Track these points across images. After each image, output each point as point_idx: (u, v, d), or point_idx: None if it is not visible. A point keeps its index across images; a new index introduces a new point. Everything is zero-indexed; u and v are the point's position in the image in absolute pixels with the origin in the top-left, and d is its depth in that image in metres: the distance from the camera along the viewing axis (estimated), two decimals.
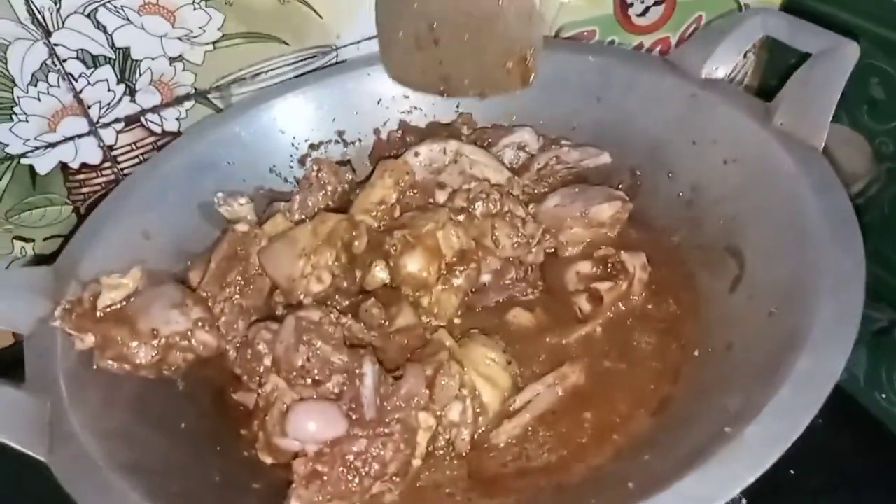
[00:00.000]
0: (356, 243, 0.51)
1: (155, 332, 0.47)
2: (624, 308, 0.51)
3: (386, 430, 0.40)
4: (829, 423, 0.53)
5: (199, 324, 0.48)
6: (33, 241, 0.69)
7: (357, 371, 0.41)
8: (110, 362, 0.46)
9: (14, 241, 0.69)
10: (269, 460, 0.43)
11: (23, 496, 0.52)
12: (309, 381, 0.41)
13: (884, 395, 0.66)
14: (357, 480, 0.39)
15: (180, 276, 0.54)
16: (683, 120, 0.57)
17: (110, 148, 0.68)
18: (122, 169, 0.69)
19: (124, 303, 0.48)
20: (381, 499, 0.40)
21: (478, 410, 0.44)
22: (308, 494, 0.38)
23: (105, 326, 0.47)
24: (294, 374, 0.42)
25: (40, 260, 0.69)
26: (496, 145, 0.63)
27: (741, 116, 0.53)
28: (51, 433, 0.40)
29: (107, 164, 0.68)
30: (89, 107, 0.65)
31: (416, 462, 0.42)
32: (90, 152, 0.67)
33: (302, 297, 0.49)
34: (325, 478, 0.38)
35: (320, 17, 0.67)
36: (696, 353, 0.46)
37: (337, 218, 0.52)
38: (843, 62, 0.49)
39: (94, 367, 0.46)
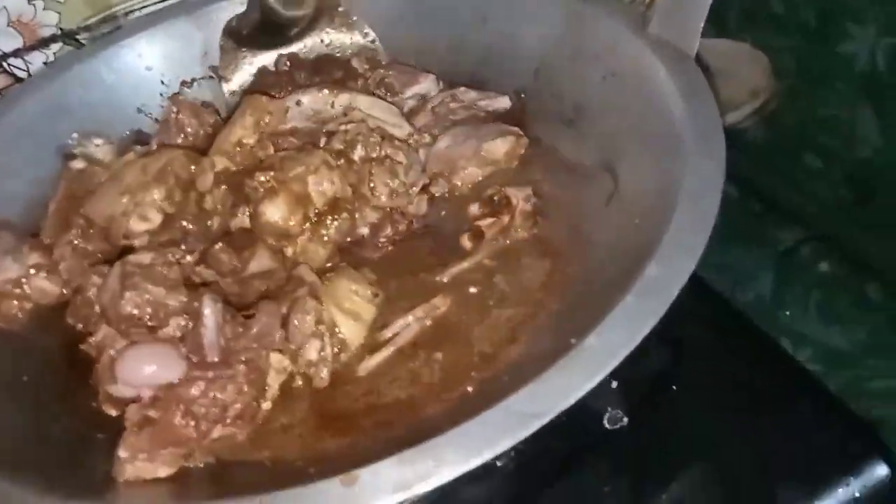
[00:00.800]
0: (199, 180, 0.47)
1: None
2: (509, 242, 0.49)
3: (228, 372, 0.38)
4: (719, 342, 0.53)
5: (35, 270, 0.45)
6: None
7: (197, 310, 0.39)
8: None
9: None
10: (112, 412, 0.41)
11: None
12: (143, 328, 0.39)
13: (788, 313, 0.66)
14: (193, 425, 0.37)
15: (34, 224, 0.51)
16: (566, 37, 0.54)
17: None
18: None
19: None
20: (229, 442, 0.38)
21: (338, 348, 0.42)
22: (138, 442, 0.36)
23: None
24: (123, 323, 0.39)
25: None
26: (401, 93, 0.59)
27: (619, 28, 0.51)
28: None
29: None
30: None
31: (266, 405, 0.40)
32: None
33: (129, 239, 0.46)
34: (158, 425, 0.36)
35: None
36: (571, 273, 0.45)
37: (172, 153, 0.48)
38: None
39: None
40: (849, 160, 0.68)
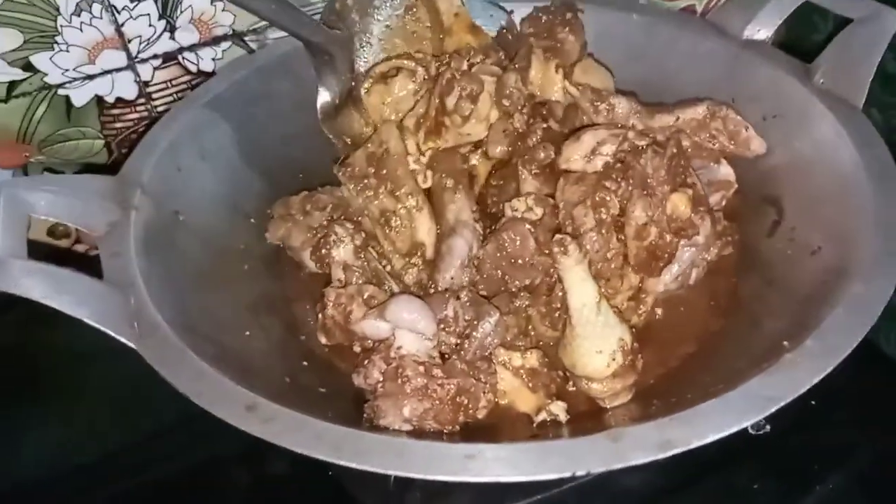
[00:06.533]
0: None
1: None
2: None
3: (484, 378, 0.45)
4: (853, 366, 0.59)
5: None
6: (63, 173, 0.71)
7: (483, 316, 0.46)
8: None
9: (45, 172, 0.71)
10: (323, 340, 0.51)
11: None
12: None
13: None
14: (451, 410, 0.44)
15: None
16: (723, 78, 0.61)
17: (146, 84, 0.70)
18: (155, 106, 0.71)
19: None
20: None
21: None
22: (413, 405, 0.43)
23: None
24: None
25: None
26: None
27: (782, 75, 0.58)
28: (137, 323, 0.43)
29: (141, 101, 0.70)
30: (129, 41, 0.67)
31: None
32: (126, 87, 0.69)
33: None
34: (434, 401, 0.43)
35: None
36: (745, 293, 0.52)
37: None
38: (884, 27, 0.54)
39: None
40: None
